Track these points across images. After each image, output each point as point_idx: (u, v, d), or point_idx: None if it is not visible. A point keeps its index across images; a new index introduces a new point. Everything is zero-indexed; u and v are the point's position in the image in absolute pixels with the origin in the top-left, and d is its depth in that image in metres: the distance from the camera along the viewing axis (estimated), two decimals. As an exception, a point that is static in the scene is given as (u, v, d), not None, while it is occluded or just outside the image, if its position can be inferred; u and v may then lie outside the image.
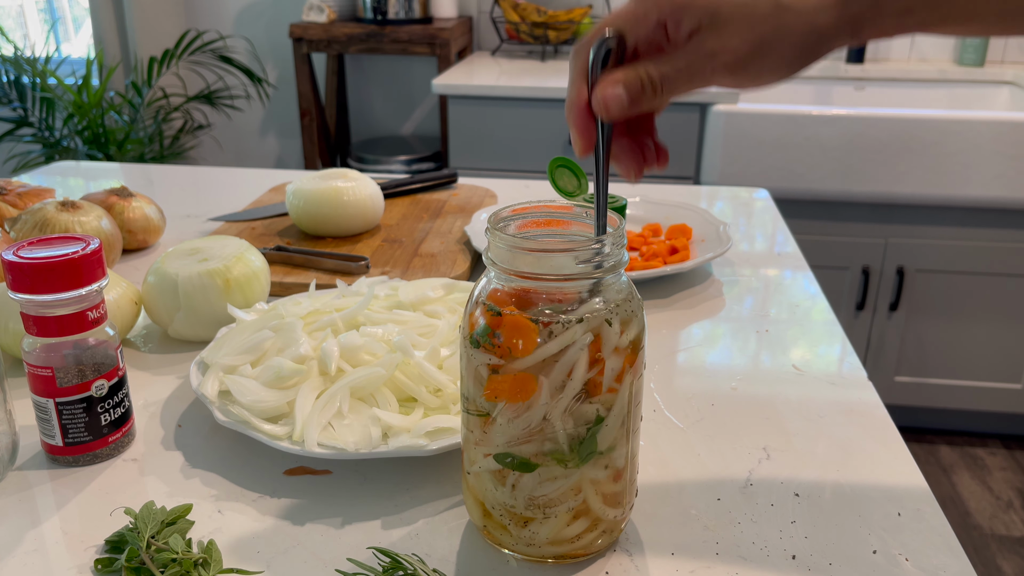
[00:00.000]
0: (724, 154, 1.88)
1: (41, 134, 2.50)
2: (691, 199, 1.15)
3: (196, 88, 2.62)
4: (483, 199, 1.09)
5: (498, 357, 0.42)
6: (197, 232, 1.00)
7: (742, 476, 0.55)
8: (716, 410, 0.63)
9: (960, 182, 1.81)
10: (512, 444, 0.43)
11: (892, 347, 1.99)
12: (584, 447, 0.43)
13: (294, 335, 0.61)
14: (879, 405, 0.64)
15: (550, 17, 2.27)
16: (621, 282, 0.44)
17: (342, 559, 0.47)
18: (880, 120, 1.80)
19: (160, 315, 0.71)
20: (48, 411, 0.54)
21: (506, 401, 0.42)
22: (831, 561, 0.47)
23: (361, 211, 0.94)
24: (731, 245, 0.89)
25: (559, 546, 0.46)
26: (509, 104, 1.96)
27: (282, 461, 0.56)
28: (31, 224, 0.80)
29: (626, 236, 0.43)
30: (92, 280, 0.53)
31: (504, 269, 0.42)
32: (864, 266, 1.93)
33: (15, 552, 0.48)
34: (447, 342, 0.62)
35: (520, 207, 0.46)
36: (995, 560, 1.73)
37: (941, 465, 2.03)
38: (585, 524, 0.45)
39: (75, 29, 2.92)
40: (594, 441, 0.43)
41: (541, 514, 0.44)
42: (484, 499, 0.46)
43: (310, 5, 2.29)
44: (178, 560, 0.45)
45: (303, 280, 0.83)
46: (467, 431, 0.46)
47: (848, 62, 2.27)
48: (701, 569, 0.47)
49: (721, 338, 0.76)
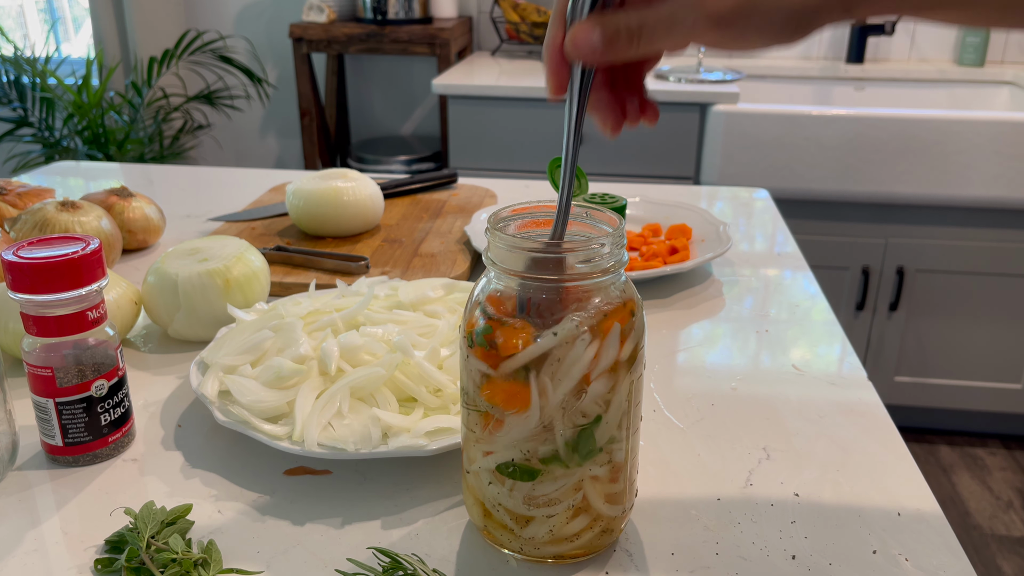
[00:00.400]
0: (724, 154, 1.88)
1: (41, 134, 2.50)
2: (691, 199, 1.15)
3: (196, 88, 2.63)
4: (483, 199, 1.09)
5: (491, 367, 0.42)
6: (197, 232, 1.00)
7: (742, 476, 0.55)
8: (716, 410, 0.63)
9: (960, 182, 1.81)
10: (512, 445, 0.43)
11: (892, 347, 1.99)
12: (583, 446, 0.43)
13: (294, 335, 0.61)
14: (879, 405, 0.64)
15: (550, 17, 2.26)
16: (621, 282, 0.44)
17: (342, 559, 0.47)
18: (880, 120, 1.80)
19: (160, 315, 0.71)
20: (48, 411, 0.54)
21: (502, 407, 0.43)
22: (831, 561, 0.47)
23: (361, 211, 0.94)
24: (731, 245, 0.89)
25: (559, 545, 0.46)
26: (509, 104, 1.96)
27: (282, 461, 0.56)
28: (31, 224, 0.80)
29: (626, 236, 0.43)
30: (92, 280, 0.53)
31: (504, 269, 0.42)
32: (864, 266, 1.93)
33: (15, 552, 0.48)
34: (447, 342, 0.62)
35: (520, 207, 0.46)
36: (995, 560, 1.73)
37: (941, 465, 2.03)
38: (585, 522, 0.45)
39: (75, 29, 2.92)
40: (593, 440, 0.43)
41: (541, 513, 0.44)
42: (484, 498, 0.46)
43: (310, 5, 2.29)
44: (178, 560, 0.45)
45: (303, 280, 0.83)
46: (467, 429, 0.46)
47: (848, 62, 2.27)
48: (701, 569, 0.47)
49: (721, 338, 0.76)
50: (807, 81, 2.27)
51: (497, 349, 0.42)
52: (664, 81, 1.99)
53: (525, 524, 0.45)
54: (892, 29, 2.18)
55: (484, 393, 0.43)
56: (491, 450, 0.44)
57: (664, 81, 1.99)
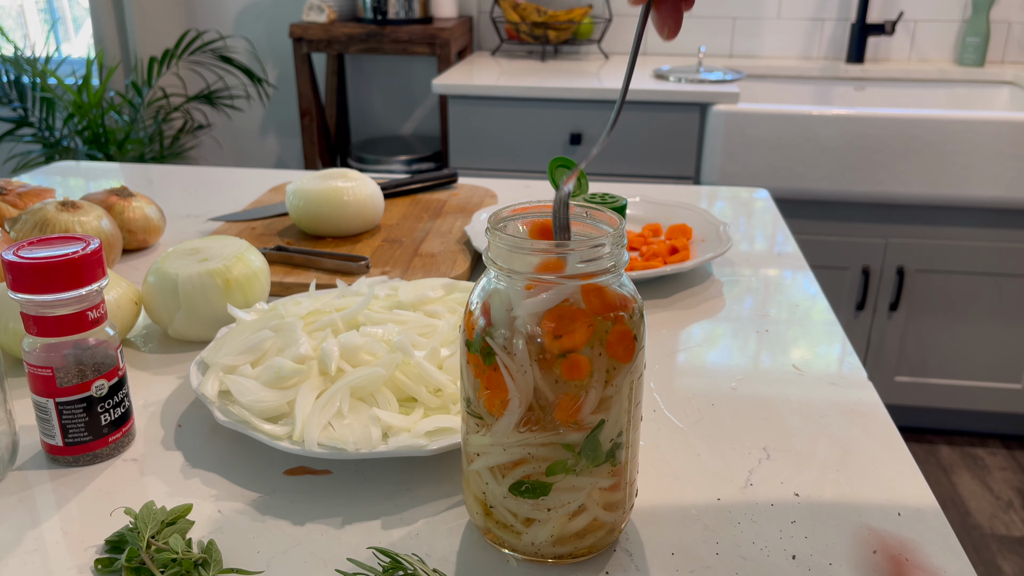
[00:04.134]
0: (724, 154, 1.88)
1: (41, 134, 2.50)
2: (691, 199, 1.15)
3: (196, 88, 2.62)
4: (483, 199, 1.09)
5: (486, 388, 0.42)
6: (197, 232, 1.00)
7: (742, 476, 0.55)
8: (716, 410, 0.63)
9: (960, 182, 1.81)
10: (514, 447, 0.43)
11: (892, 347, 1.99)
12: (588, 449, 0.43)
13: (294, 335, 0.61)
14: (879, 405, 0.64)
15: (550, 17, 2.27)
16: (621, 282, 0.44)
17: (342, 559, 0.47)
18: (880, 120, 1.80)
19: (160, 315, 0.71)
20: (48, 411, 0.54)
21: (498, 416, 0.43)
22: (831, 561, 0.47)
23: (361, 211, 0.94)
24: (731, 245, 0.89)
25: (562, 545, 0.46)
26: (509, 104, 1.96)
27: (282, 461, 0.56)
28: (31, 224, 0.80)
29: (626, 236, 0.43)
30: (92, 280, 0.53)
31: (504, 269, 0.42)
32: (864, 266, 1.93)
33: (15, 552, 0.48)
34: (447, 342, 0.62)
35: (520, 207, 0.46)
36: (995, 560, 1.73)
37: (941, 465, 2.03)
38: (587, 520, 0.45)
39: (75, 29, 2.92)
40: (597, 442, 0.43)
41: (543, 513, 0.44)
42: (485, 499, 0.46)
43: (310, 5, 2.29)
44: (178, 560, 0.45)
45: (303, 280, 0.83)
46: (467, 431, 0.46)
47: (848, 62, 2.27)
48: (701, 569, 0.47)
49: (721, 338, 0.76)
50: (807, 81, 2.27)
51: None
52: (664, 81, 1.99)
53: (527, 524, 0.45)
54: (892, 29, 2.18)
55: (483, 396, 0.43)
56: (494, 453, 0.44)
57: (664, 81, 1.99)
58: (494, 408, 0.43)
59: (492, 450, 0.44)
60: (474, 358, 0.43)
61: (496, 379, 0.42)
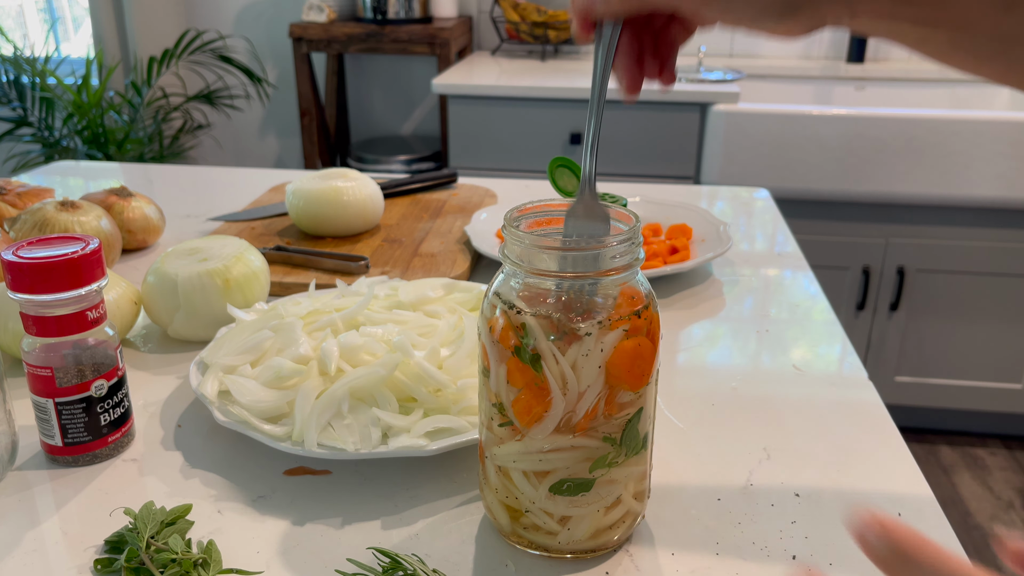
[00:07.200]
0: (724, 154, 1.87)
1: (41, 134, 2.50)
2: (691, 199, 1.15)
3: (196, 88, 2.62)
4: (483, 199, 1.09)
5: (528, 394, 0.43)
6: (197, 232, 1.00)
7: (742, 476, 0.55)
8: (716, 410, 0.63)
9: (960, 182, 1.81)
10: (552, 451, 0.44)
11: (892, 347, 1.99)
12: (627, 438, 0.44)
13: (294, 335, 0.61)
14: (879, 405, 0.64)
15: (550, 17, 2.27)
16: (639, 278, 0.45)
17: (342, 559, 0.47)
18: (880, 120, 1.80)
19: (160, 315, 0.71)
20: (48, 411, 0.54)
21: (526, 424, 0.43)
22: (831, 561, 0.47)
23: (361, 211, 0.94)
24: (731, 245, 0.89)
25: (596, 539, 0.46)
26: (509, 104, 1.96)
27: (282, 461, 0.56)
28: (31, 224, 0.80)
29: (642, 234, 0.44)
30: (92, 280, 0.53)
31: (523, 267, 0.42)
32: (864, 266, 1.93)
33: (15, 552, 0.48)
34: (447, 342, 0.61)
35: (530, 206, 0.46)
36: (996, 560, 1.73)
37: (941, 465, 2.03)
38: (622, 512, 0.46)
39: (75, 29, 2.92)
40: (635, 431, 0.44)
41: (582, 509, 0.45)
42: (519, 504, 0.46)
43: (310, 5, 2.29)
44: (178, 560, 0.45)
45: (303, 280, 0.83)
46: (495, 440, 0.46)
47: (848, 62, 2.27)
48: (701, 569, 0.47)
49: (721, 338, 0.76)
50: (807, 81, 2.27)
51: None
52: (664, 81, 1.99)
53: (563, 522, 0.46)
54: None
55: (516, 406, 0.43)
56: (522, 456, 0.45)
57: (664, 81, 1.99)
58: (532, 415, 0.43)
59: (526, 457, 0.44)
60: (519, 365, 0.43)
61: (539, 386, 0.42)
